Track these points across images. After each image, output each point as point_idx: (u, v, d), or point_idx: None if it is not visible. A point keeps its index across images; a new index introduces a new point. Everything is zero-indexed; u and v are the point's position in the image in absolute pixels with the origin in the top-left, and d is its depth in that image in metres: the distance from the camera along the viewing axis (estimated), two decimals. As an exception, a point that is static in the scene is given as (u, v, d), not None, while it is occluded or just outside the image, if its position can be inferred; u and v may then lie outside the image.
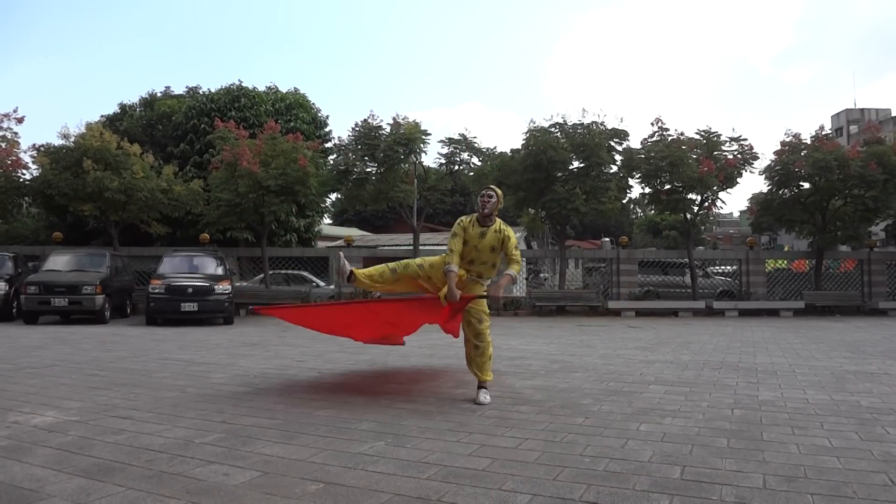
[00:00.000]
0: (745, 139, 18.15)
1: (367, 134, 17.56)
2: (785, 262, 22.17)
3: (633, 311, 17.43)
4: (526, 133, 17.97)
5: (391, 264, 5.87)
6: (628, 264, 19.54)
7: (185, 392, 5.72)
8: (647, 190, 18.63)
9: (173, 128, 24.66)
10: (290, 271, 21.08)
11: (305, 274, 21.01)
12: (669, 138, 17.93)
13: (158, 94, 27.82)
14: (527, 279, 22.62)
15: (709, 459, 3.63)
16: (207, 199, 18.26)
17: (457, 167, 19.19)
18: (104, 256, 15.35)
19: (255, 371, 7.01)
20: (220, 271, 14.99)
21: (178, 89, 28.83)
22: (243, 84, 25.62)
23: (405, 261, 5.94)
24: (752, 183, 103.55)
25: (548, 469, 3.44)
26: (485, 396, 5.28)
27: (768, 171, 18.64)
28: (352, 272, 5.82)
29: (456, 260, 5.29)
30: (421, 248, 19.01)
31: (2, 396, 5.44)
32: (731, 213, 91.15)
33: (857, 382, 6.34)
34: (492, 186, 5.57)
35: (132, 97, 35.94)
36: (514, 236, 5.43)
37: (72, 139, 17.85)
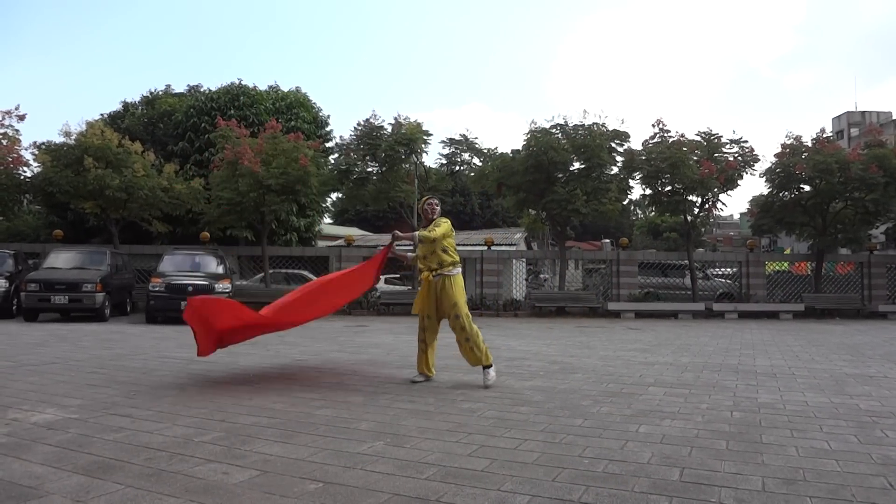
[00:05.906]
0: (746, 141, 18.22)
1: (368, 134, 17.57)
2: (786, 264, 22.16)
3: (632, 313, 17.43)
4: (527, 134, 17.97)
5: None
6: (628, 266, 19.55)
7: (185, 390, 5.72)
8: (648, 191, 18.64)
9: (174, 126, 24.67)
10: (290, 270, 21.08)
11: (305, 273, 21.01)
12: (670, 140, 17.93)
13: (160, 93, 27.85)
14: (526, 280, 22.62)
15: (708, 461, 3.63)
16: (208, 197, 18.27)
17: (458, 168, 19.20)
18: (104, 254, 15.36)
19: (254, 370, 7.02)
20: (220, 270, 15.01)
21: (180, 87, 28.92)
22: (243, 83, 25.66)
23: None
24: (752, 185, 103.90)
25: (547, 470, 3.45)
26: (490, 375, 5.89)
27: (769, 174, 18.65)
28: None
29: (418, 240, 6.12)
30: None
31: (1, 394, 5.44)
32: (732, 216, 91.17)
33: (857, 385, 6.35)
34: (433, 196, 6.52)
35: (134, 95, 36.10)
36: (444, 225, 6.06)
37: (73, 137, 17.86)
